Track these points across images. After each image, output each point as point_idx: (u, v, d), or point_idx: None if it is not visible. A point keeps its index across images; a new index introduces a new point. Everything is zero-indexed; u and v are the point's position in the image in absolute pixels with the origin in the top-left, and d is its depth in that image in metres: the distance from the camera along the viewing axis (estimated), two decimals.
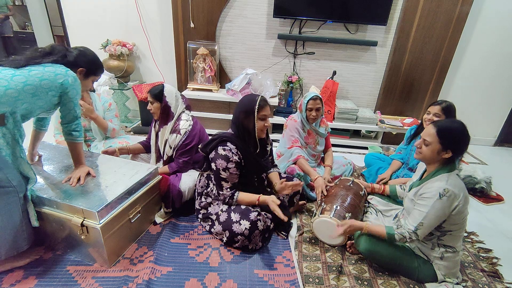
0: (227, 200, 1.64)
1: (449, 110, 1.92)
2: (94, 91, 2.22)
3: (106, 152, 1.92)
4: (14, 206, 1.28)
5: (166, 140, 1.88)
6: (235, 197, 1.63)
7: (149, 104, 1.86)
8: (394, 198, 1.89)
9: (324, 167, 2.26)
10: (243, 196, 1.65)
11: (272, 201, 1.56)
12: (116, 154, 1.94)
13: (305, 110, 2.12)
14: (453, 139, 1.29)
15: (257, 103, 1.58)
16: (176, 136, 1.85)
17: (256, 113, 1.58)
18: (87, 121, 2.15)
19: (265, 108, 1.61)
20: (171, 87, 1.89)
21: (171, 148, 1.88)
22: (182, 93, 3.13)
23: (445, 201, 1.26)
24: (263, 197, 1.62)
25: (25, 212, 1.34)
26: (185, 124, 1.86)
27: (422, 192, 1.34)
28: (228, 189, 1.63)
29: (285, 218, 1.51)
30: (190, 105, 2.00)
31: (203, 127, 2.00)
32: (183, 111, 1.92)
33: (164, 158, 1.93)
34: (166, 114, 1.86)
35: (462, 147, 1.31)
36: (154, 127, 1.96)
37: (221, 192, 1.63)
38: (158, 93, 1.83)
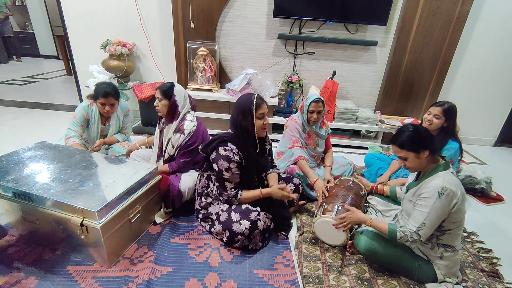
0: (231, 199, 1.64)
1: (449, 111, 1.91)
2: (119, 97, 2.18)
3: (130, 150, 2.11)
4: None
5: (169, 139, 1.88)
6: (238, 195, 1.64)
7: (157, 100, 1.86)
8: (394, 199, 1.89)
9: (324, 167, 2.26)
10: (247, 194, 1.65)
11: (277, 189, 1.64)
12: (138, 147, 2.10)
13: (306, 112, 2.11)
14: (416, 141, 1.35)
15: (254, 102, 1.57)
16: (180, 136, 1.85)
17: (254, 113, 1.58)
18: (104, 128, 2.23)
19: (262, 107, 1.60)
20: (181, 87, 1.91)
21: (173, 147, 1.89)
22: None
23: (444, 199, 1.27)
24: (265, 190, 1.66)
25: None
26: (189, 124, 1.87)
27: (420, 192, 1.35)
28: (232, 189, 1.63)
29: (294, 196, 1.66)
30: (195, 106, 2.02)
31: (206, 129, 2.00)
32: (188, 112, 1.93)
33: (165, 157, 1.93)
34: (172, 113, 1.87)
35: (428, 141, 1.35)
36: (159, 125, 1.97)
37: (224, 192, 1.63)
38: (167, 91, 1.84)
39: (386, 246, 1.46)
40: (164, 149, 1.93)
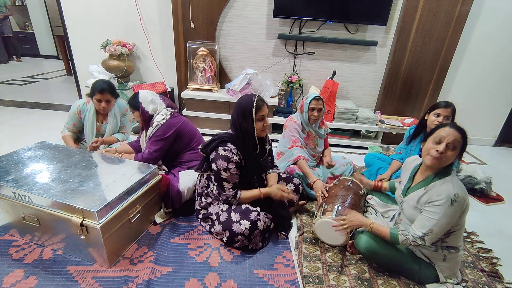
0: (229, 199, 1.64)
1: (455, 111, 1.94)
2: (118, 96, 2.21)
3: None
4: None
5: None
6: (237, 196, 1.63)
7: (131, 114, 1.93)
8: (393, 193, 1.88)
9: (322, 166, 2.27)
10: (246, 194, 1.65)
11: (277, 189, 1.65)
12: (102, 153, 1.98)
13: (307, 111, 2.11)
14: (466, 144, 1.29)
15: (254, 104, 1.56)
16: (149, 128, 1.90)
17: (254, 115, 1.57)
18: (101, 126, 2.20)
19: (262, 109, 1.60)
20: (146, 93, 1.91)
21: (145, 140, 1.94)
22: (182, 93, 3.15)
23: (457, 206, 1.25)
24: (264, 190, 1.66)
25: None
26: (159, 117, 1.90)
27: (431, 199, 1.30)
28: (231, 189, 1.63)
29: (294, 197, 1.65)
30: (173, 104, 2.02)
31: (187, 125, 1.98)
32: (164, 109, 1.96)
33: None
34: (147, 120, 1.91)
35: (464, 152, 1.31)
36: (145, 131, 1.99)
37: (223, 193, 1.63)
38: (133, 102, 1.89)
39: (387, 246, 1.45)
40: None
